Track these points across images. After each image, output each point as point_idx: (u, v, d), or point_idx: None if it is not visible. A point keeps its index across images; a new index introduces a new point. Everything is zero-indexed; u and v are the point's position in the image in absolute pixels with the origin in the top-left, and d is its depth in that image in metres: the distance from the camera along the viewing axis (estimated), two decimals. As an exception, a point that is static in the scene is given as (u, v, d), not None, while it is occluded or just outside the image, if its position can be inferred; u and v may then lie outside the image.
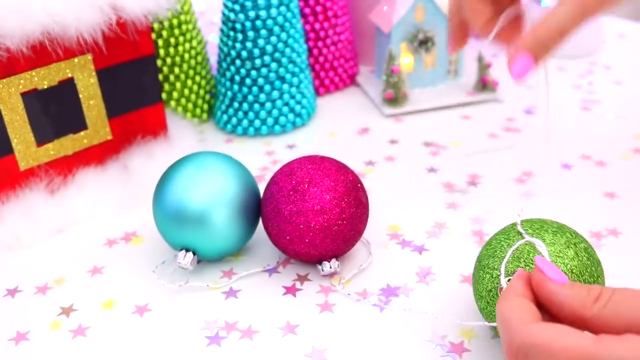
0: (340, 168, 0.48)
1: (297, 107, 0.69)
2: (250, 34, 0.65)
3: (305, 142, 0.68)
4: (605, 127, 0.68)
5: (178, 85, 0.68)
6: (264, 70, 0.66)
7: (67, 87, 0.53)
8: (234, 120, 0.69)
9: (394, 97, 0.71)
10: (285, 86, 0.67)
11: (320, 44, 0.74)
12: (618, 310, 0.30)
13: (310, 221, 0.45)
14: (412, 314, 0.45)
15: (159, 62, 0.67)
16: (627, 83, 0.77)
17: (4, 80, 0.49)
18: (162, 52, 0.67)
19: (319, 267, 0.48)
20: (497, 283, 0.39)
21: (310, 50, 0.74)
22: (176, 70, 0.68)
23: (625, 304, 0.30)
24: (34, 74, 0.51)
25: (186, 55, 0.68)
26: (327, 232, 0.46)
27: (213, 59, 0.79)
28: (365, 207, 0.48)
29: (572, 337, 0.29)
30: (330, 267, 0.47)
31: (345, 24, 0.76)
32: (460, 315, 0.45)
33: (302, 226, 0.45)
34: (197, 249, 0.48)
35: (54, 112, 0.53)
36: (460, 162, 0.63)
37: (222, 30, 0.67)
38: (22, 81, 0.50)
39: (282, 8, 0.64)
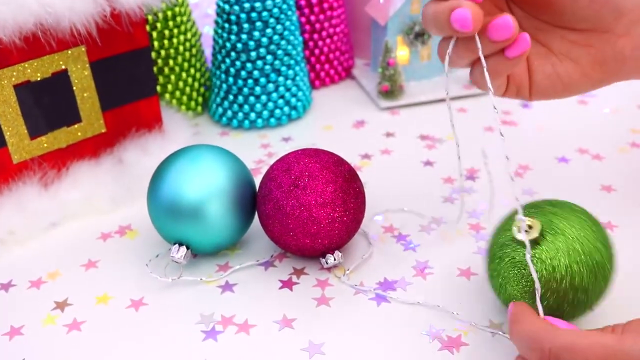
0: (337, 159, 0.47)
1: (293, 100, 0.69)
2: (246, 26, 0.64)
3: (300, 135, 0.67)
4: (601, 120, 0.68)
5: (172, 77, 0.68)
6: (259, 63, 0.66)
7: (61, 79, 0.52)
8: (229, 113, 0.68)
9: (390, 89, 0.71)
10: (281, 79, 0.67)
11: (315, 36, 0.74)
12: (637, 328, 0.33)
13: (314, 215, 0.45)
14: (409, 307, 0.45)
15: (153, 55, 0.66)
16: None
17: (-3, 72, 0.49)
18: (156, 44, 0.66)
19: (322, 260, 0.47)
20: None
21: (305, 42, 0.74)
22: (170, 62, 0.67)
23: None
24: (26, 65, 0.50)
25: (180, 48, 0.67)
26: (332, 224, 0.45)
27: (208, 51, 0.78)
28: (364, 196, 0.48)
29: (595, 335, 0.33)
30: (335, 259, 0.47)
31: (341, 16, 0.75)
32: (457, 309, 0.45)
33: (306, 220, 0.45)
34: (192, 243, 0.47)
35: (48, 104, 0.52)
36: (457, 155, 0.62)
37: (216, 22, 0.67)
38: (14, 73, 0.50)
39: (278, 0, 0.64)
